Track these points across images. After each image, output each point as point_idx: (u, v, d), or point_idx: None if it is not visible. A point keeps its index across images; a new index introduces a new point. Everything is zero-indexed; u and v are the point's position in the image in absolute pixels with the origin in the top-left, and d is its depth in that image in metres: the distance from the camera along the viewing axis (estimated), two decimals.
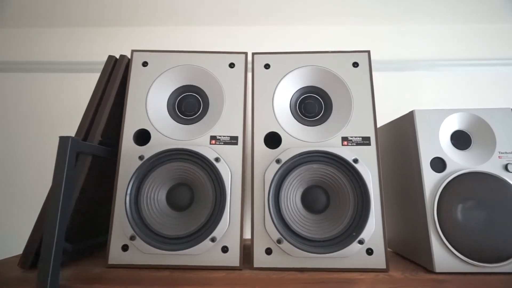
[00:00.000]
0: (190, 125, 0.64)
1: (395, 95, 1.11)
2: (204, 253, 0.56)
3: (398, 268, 0.58)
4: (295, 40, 1.14)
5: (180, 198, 0.60)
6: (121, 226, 0.57)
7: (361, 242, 0.54)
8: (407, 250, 0.65)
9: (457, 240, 0.54)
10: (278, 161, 0.58)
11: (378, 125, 0.77)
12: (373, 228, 0.55)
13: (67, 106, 1.08)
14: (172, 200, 0.60)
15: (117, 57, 0.65)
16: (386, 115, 0.83)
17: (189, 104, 0.66)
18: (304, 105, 0.65)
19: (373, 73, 1.10)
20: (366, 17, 1.10)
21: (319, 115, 0.65)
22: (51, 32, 1.17)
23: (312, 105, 0.65)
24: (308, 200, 0.59)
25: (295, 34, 1.14)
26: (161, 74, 0.65)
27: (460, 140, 0.61)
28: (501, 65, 1.11)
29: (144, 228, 0.56)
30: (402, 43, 1.14)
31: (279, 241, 0.55)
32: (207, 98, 0.66)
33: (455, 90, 1.10)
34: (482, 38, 1.14)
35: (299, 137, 0.61)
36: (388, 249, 0.75)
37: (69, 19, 1.11)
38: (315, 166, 0.58)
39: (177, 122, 0.65)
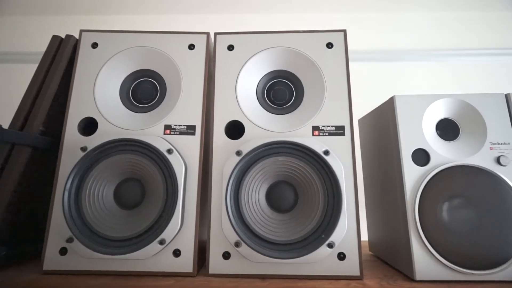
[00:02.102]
0: (144, 114, 0.57)
1: (384, 85, 1.03)
2: (152, 258, 0.49)
3: (375, 275, 0.51)
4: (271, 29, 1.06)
5: (129, 195, 0.53)
6: (58, 226, 0.50)
7: (330, 245, 0.47)
8: (388, 255, 0.58)
9: (441, 244, 0.47)
10: (238, 153, 0.51)
11: (362, 115, 0.70)
12: (345, 230, 0.48)
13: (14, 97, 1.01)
14: (120, 197, 0.53)
15: (63, 37, 0.59)
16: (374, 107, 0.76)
17: (145, 90, 0.59)
18: (273, 92, 0.58)
19: (362, 62, 1.02)
20: (347, 3, 1.01)
21: (289, 102, 0.58)
22: None
23: (282, 91, 0.58)
24: (273, 198, 0.52)
25: (271, 23, 1.05)
26: (112, 56, 0.58)
27: (447, 129, 0.54)
28: (496, 55, 1.04)
29: (84, 229, 0.49)
30: (392, 32, 1.07)
31: (237, 244, 0.48)
32: (165, 83, 0.59)
33: (446, 79, 1.02)
34: (475, 27, 1.06)
35: (265, 126, 0.54)
36: (370, 253, 0.68)
37: (14, 7, 1.02)
38: (280, 159, 0.51)
39: (130, 110, 0.58)
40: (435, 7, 1.05)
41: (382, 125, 0.58)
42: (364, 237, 0.70)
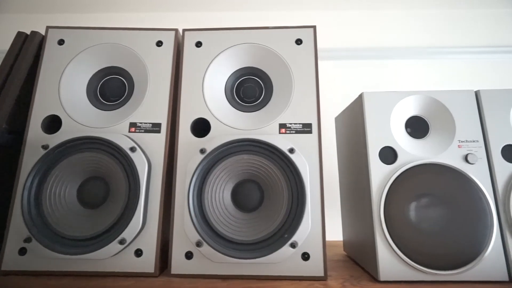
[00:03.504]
0: (111, 111, 0.56)
1: (368, 84, 1.02)
2: (112, 258, 0.48)
3: (341, 275, 0.50)
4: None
5: (92, 194, 0.52)
6: (18, 226, 0.49)
7: (293, 245, 0.46)
8: (358, 255, 0.57)
9: (407, 243, 0.46)
10: (202, 151, 0.50)
11: (338, 113, 0.69)
12: (309, 229, 0.47)
13: None
14: (83, 196, 0.52)
15: (28, 33, 0.58)
16: None
17: (113, 88, 0.58)
18: (243, 89, 0.57)
19: (348, 61, 1.01)
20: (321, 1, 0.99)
21: (258, 99, 0.57)
22: None
23: (252, 89, 0.57)
24: (239, 197, 0.51)
25: (241, 20, 1.03)
26: (79, 53, 0.57)
27: (417, 127, 0.53)
28: (484, 53, 1.03)
29: (44, 229, 0.48)
30: (378, 30, 1.06)
31: (198, 244, 0.47)
32: (133, 81, 0.58)
33: (430, 78, 1.01)
34: (464, 24, 1.05)
35: (231, 124, 0.53)
36: (344, 253, 0.67)
37: None
38: (245, 157, 0.51)
39: (98, 108, 0.57)
40: (423, 5, 1.04)
41: (353, 122, 0.57)
42: (340, 237, 0.69)
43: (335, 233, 0.72)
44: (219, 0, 0.98)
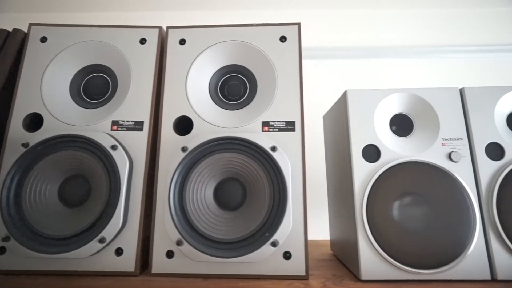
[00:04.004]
0: (94, 110, 0.56)
1: (359, 82, 1.01)
2: (92, 257, 0.48)
3: (324, 275, 0.50)
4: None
5: (73, 192, 0.51)
6: None
7: (274, 244, 0.46)
8: (342, 254, 0.56)
9: (389, 242, 0.46)
10: (183, 149, 0.50)
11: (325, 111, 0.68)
12: (290, 228, 0.47)
13: None
14: (64, 195, 0.51)
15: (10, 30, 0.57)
16: None
17: (97, 86, 0.58)
18: (228, 87, 0.57)
19: (338, 60, 1.00)
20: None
21: (243, 97, 0.56)
22: None
23: (236, 87, 0.57)
24: (221, 195, 0.51)
25: (226, 19, 1.01)
26: (62, 50, 0.57)
27: (401, 125, 0.52)
28: (476, 52, 1.02)
29: (23, 227, 0.48)
30: (372, 29, 1.06)
31: (179, 243, 0.47)
32: (116, 79, 0.57)
33: (421, 77, 1.00)
34: (457, 24, 1.05)
35: (214, 122, 0.53)
36: (331, 252, 0.66)
37: None
38: (227, 155, 0.50)
39: (80, 106, 0.56)
40: (411, 5, 1.04)
41: (338, 120, 0.57)
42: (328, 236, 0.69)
43: (324, 232, 0.72)
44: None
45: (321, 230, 0.76)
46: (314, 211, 0.82)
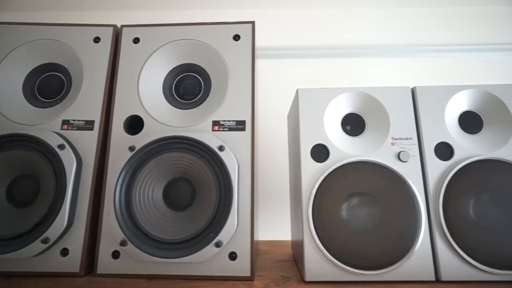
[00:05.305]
0: (48, 109, 0.56)
1: (341, 82, 1.00)
2: (36, 257, 0.47)
3: (272, 276, 0.49)
4: None
5: (21, 192, 0.51)
6: None
7: (218, 244, 0.45)
8: (296, 254, 0.56)
9: (334, 243, 0.45)
10: (131, 148, 0.49)
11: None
12: (234, 229, 0.46)
13: None
14: (12, 195, 0.51)
15: None
16: None
17: (52, 85, 0.57)
18: (183, 86, 0.57)
19: (320, 59, 0.98)
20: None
21: (197, 96, 0.56)
22: None
23: (192, 86, 0.56)
24: (170, 195, 0.50)
25: (181, 18, 0.99)
26: (14, 49, 0.56)
27: (355, 124, 0.52)
28: (458, 51, 1.01)
29: None
30: (348, 28, 1.05)
31: (122, 243, 0.46)
32: (70, 78, 0.57)
33: (403, 75, 0.99)
34: (436, 22, 1.04)
35: (166, 121, 0.52)
36: (292, 253, 0.66)
37: None
38: (176, 154, 0.50)
39: (34, 105, 0.56)
40: (365, 3, 1.02)
41: (293, 119, 0.56)
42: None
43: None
44: None
45: (287, 231, 0.75)
46: (281, 211, 0.82)
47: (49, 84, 0.57)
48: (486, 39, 0.97)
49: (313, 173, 0.48)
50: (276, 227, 0.78)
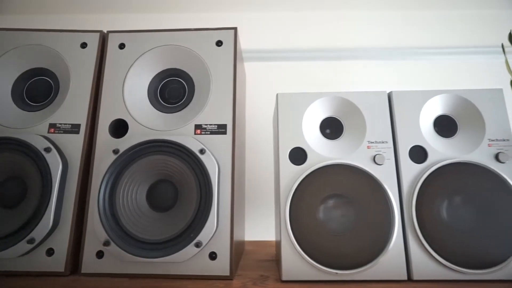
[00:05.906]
0: (36, 112, 0.57)
1: (329, 85, 1.02)
2: (22, 257, 0.49)
3: (250, 275, 0.50)
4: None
5: (8, 195, 0.52)
6: None
7: (198, 245, 0.47)
8: (276, 255, 0.57)
9: (310, 243, 0.47)
10: (115, 151, 0.51)
11: None
12: (214, 229, 0.48)
13: None
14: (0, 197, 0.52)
15: None
16: None
17: (40, 89, 0.59)
18: (168, 90, 0.58)
19: (310, 62, 0.99)
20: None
21: (181, 101, 0.57)
22: None
23: (176, 90, 0.58)
24: (153, 197, 0.52)
25: (167, 22, 1.01)
26: (3, 54, 0.58)
27: (333, 128, 0.53)
28: (444, 54, 1.03)
29: None
30: (337, 31, 1.06)
31: (106, 243, 0.48)
32: (58, 82, 0.58)
33: (389, 79, 1.01)
34: (425, 26, 1.05)
35: (149, 125, 0.54)
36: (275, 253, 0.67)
37: None
38: (158, 157, 0.51)
39: (22, 109, 0.57)
40: (344, 5, 1.03)
41: (275, 123, 0.58)
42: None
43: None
44: (142, 2, 0.98)
45: (273, 231, 0.77)
46: (268, 212, 0.83)
47: (37, 89, 0.59)
48: (471, 42, 0.99)
49: (291, 176, 0.49)
50: (262, 228, 0.80)
